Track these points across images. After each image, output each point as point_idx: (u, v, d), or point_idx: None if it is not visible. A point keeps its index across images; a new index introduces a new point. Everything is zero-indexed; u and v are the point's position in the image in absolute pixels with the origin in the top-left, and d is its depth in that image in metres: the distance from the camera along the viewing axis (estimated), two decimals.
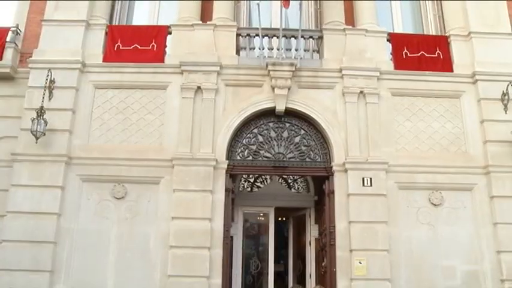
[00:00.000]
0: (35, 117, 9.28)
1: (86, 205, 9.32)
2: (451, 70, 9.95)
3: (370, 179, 9.22)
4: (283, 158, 9.64)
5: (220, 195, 9.20)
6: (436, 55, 10.07)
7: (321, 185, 9.90)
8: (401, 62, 9.92)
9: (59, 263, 9.04)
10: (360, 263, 8.87)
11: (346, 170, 9.28)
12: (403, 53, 10.02)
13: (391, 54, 10.10)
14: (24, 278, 8.69)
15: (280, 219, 10.55)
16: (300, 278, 10.51)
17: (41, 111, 9.35)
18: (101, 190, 9.35)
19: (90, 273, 8.94)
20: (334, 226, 9.21)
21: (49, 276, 8.92)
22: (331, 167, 9.43)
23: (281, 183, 11.26)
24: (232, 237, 9.73)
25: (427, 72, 9.86)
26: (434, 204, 9.28)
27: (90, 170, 9.40)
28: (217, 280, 8.87)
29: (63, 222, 9.19)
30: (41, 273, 8.89)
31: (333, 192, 9.35)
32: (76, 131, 9.66)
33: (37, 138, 9.29)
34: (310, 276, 10.46)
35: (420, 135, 9.67)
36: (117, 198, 9.28)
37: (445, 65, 9.93)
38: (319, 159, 9.68)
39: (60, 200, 9.26)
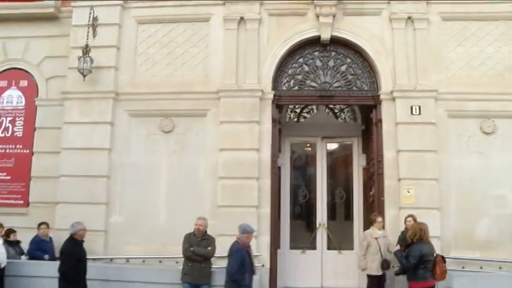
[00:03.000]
0: (81, 55, 9.74)
1: (135, 139, 9.89)
2: None
3: (419, 107, 9.28)
4: (329, 87, 9.77)
5: (267, 126, 9.56)
6: None
7: (368, 114, 10.04)
8: None
9: (113, 195, 9.76)
10: (408, 191, 9.12)
11: (394, 99, 9.35)
12: None
13: None
14: (82, 211, 9.41)
15: (327, 149, 10.70)
16: (346, 208, 10.76)
17: (86, 49, 9.77)
18: (149, 124, 9.85)
19: (143, 205, 9.62)
20: (382, 155, 9.41)
21: (105, 208, 9.66)
22: (379, 96, 9.51)
23: (327, 113, 11.43)
24: (279, 167, 10.08)
25: None
26: (486, 133, 9.32)
27: (138, 105, 9.89)
28: (266, 209, 9.35)
29: (114, 157, 9.80)
30: (97, 206, 9.64)
31: (380, 121, 9.47)
32: (122, 67, 10.06)
33: (84, 76, 9.74)
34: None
35: (472, 61, 9.57)
36: (165, 132, 9.73)
37: None
38: (366, 88, 9.75)
39: (110, 135, 9.87)
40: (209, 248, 7.76)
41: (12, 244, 9.00)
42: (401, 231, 8.63)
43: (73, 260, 6.99)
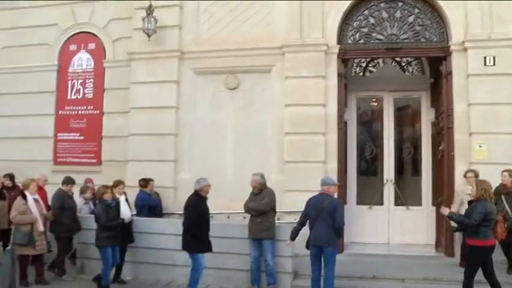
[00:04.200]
0: (145, 16, 9.95)
1: (201, 97, 10.18)
2: None
3: (493, 57, 8.98)
4: (396, 39, 9.59)
5: (333, 81, 9.56)
6: None
7: (437, 66, 9.81)
8: None
9: (181, 153, 10.16)
10: (480, 146, 8.94)
11: (465, 49, 9.07)
12: None
13: None
14: (152, 168, 9.90)
15: (394, 103, 10.53)
16: (414, 163, 10.63)
17: (150, 10, 10.01)
18: (214, 82, 10.10)
19: (210, 161, 9.94)
20: (452, 109, 9.24)
21: (173, 165, 10.11)
22: (449, 47, 9.25)
23: (394, 66, 11.21)
24: (346, 122, 10.03)
25: None
26: None
27: (203, 62, 10.14)
28: (333, 165, 9.45)
29: (181, 115, 10.15)
30: (165, 163, 10.09)
31: (450, 73, 9.24)
32: (185, 25, 10.30)
33: (149, 36, 10.00)
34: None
35: None
36: (231, 89, 9.92)
37: None
38: (435, 39, 9.50)
39: (177, 93, 10.21)
40: (262, 202, 7.85)
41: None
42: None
43: (197, 215, 7.14)
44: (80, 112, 11.25)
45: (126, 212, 8.16)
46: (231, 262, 8.07)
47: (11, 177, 10.02)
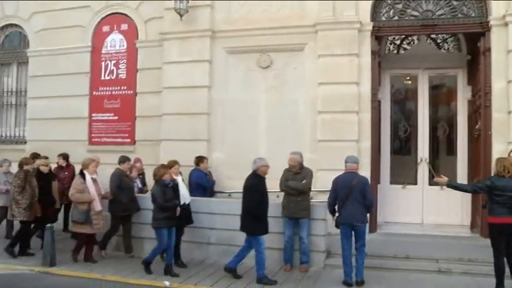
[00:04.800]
0: None
1: (233, 76, 10.20)
2: None
3: None
4: (432, 15, 9.38)
5: (367, 59, 9.45)
6: None
7: (474, 43, 9.57)
8: None
9: (214, 132, 10.25)
10: None
11: (506, 24, 8.80)
12: None
13: None
14: (184, 147, 10.00)
15: (428, 81, 10.35)
16: (449, 143, 10.47)
17: None
18: (246, 61, 10.10)
19: (243, 140, 10.02)
20: (490, 86, 9.01)
21: (206, 145, 10.20)
22: (488, 22, 9.00)
23: (430, 43, 10.97)
24: (379, 101, 9.91)
25: None
26: None
27: (235, 41, 10.12)
28: (366, 144, 9.39)
29: (214, 94, 10.19)
30: (198, 142, 10.18)
31: (489, 49, 9.01)
32: (217, 4, 10.34)
33: (181, 16, 10.05)
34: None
35: None
36: (263, 68, 9.91)
37: None
38: (473, 14, 9.25)
39: (209, 73, 10.26)
40: (303, 182, 7.87)
41: None
42: None
43: (257, 195, 7.05)
44: (113, 93, 11.42)
45: (186, 194, 8.08)
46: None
47: (65, 156, 10.36)
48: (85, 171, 8.13)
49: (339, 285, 7.08)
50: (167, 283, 7.12)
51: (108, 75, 11.48)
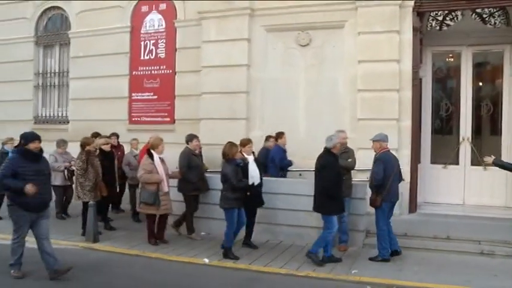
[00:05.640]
0: None
1: (272, 55, 10.16)
2: None
3: None
4: None
5: (408, 35, 9.25)
6: None
7: None
8: None
9: (253, 110, 10.29)
10: None
11: None
12: None
13: None
14: (224, 125, 10.10)
15: (472, 58, 10.07)
16: (493, 122, 10.21)
17: None
18: (285, 39, 10.05)
19: (282, 119, 9.97)
20: None
21: (245, 123, 10.26)
22: None
23: (474, 18, 10.57)
24: (420, 79, 9.71)
25: None
26: None
27: (273, 19, 10.07)
28: (407, 122, 9.26)
29: (252, 73, 10.21)
30: (237, 121, 10.25)
31: None
32: None
33: None
34: None
35: None
36: (302, 46, 9.87)
37: None
38: None
39: (248, 51, 10.26)
40: (349, 160, 7.83)
41: None
42: None
43: (334, 175, 6.89)
44: (153, 72, 11.58)
45: (256, 174, 7.68)
46: (301, 219, 8.11)
47: (118, 136, 10.50)
48: (153, 151, 7.95)
49: (377, 264, 7.09)
50: (206, 260, 7.25)
51: (147, 55, 11.63)
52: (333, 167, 6.94)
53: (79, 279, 6.23)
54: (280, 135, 9.11)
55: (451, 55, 10.59)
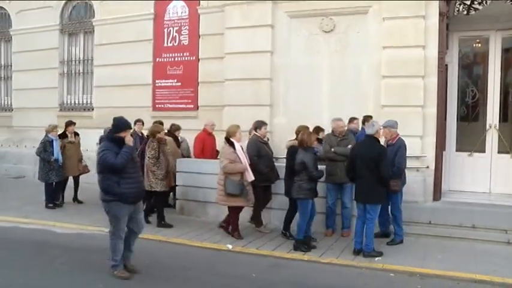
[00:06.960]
0: None
1: (295, 41, 10.11)
2: None
3: None
4: None
5: (434, 20, 9.06)
6: None
7: None
8: None
9: (276, 97, 10.26)
10: None
11: None
12: None
13: None
14: (247, 112, 10.08)
15: (501, 43, 9.86)
16: None
17: None
18: (309, 25, 9.97)
19: (306, 106, 9.96)
20: None
21: (269, 110, 10.23)
22: None
23: (505, 1, 10.29)
24: (446, 65, 9.56)
25: None
26: None
27: (297, 5, 10.01)
28: (432, 109, 9.13)
29: (276, 59, 10.17)
30: (261, 108, 10.22)
31: None
32: None
33: None
34: None
35: None
36: (326, 32, 9.79)
37: None
38: None
39: (271, 38, 10.21)
40: (349, 146, 7.83)
41: None
42: None
43: (389, 162, 6.88)
44: (176, 59, 11.67)
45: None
46: None
47: (143, 122, 10.50)
48: (232, 139, 7.66)
49: (400, 251, 7.15)
50: (230, 246, 7.32)
51: (170, 42, 11.72)
52: (387, 154, 6.90)
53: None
54: (352, 119, 9.03)
55: (478, 40, 10.37)
